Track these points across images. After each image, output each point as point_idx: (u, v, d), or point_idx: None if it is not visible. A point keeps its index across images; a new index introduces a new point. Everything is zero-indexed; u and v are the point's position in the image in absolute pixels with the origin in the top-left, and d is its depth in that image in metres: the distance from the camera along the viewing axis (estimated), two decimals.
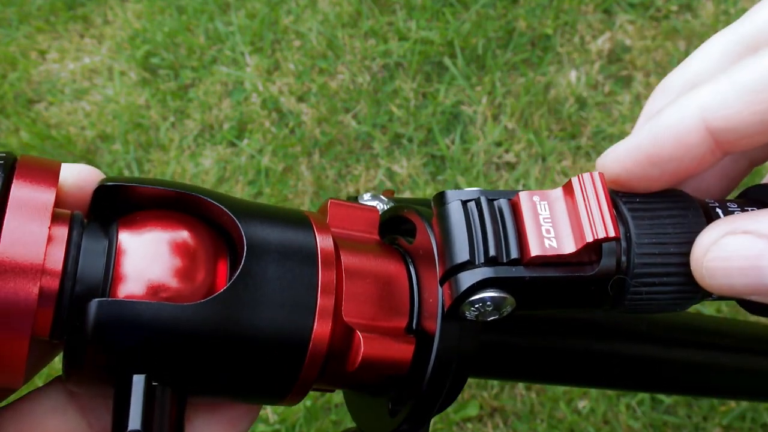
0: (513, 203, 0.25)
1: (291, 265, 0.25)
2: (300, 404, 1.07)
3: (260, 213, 0.26)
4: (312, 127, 1.25)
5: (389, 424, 0.28)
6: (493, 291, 0.24)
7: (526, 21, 1.28)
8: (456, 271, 0.24)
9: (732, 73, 0.23)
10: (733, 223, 0.23)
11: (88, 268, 0.23)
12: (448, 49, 1.27)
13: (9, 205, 0.22)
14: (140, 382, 0.23)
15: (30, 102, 1.37)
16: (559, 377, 0.41)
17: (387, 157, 1.21)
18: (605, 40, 1.27)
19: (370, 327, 0.26)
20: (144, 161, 1.28)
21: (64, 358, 0.25)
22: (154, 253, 0.24)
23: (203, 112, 1.30)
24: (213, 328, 0.23)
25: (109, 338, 0.23)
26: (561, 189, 0.25)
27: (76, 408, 0.27)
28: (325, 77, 1.29)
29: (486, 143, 1.20)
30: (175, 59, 1.35)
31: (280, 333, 0.25)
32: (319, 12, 1.35)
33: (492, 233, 0.24)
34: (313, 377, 0.26)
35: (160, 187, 0.25)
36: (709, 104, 0.23)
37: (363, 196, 0.35)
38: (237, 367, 0.25)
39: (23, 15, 1.46)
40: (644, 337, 0.37)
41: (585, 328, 0.36)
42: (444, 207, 0.25)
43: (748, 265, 0.22)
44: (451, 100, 1.24)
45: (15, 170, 0.23)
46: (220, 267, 0.25)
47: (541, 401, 1.02)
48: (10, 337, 0.22)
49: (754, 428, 0.98)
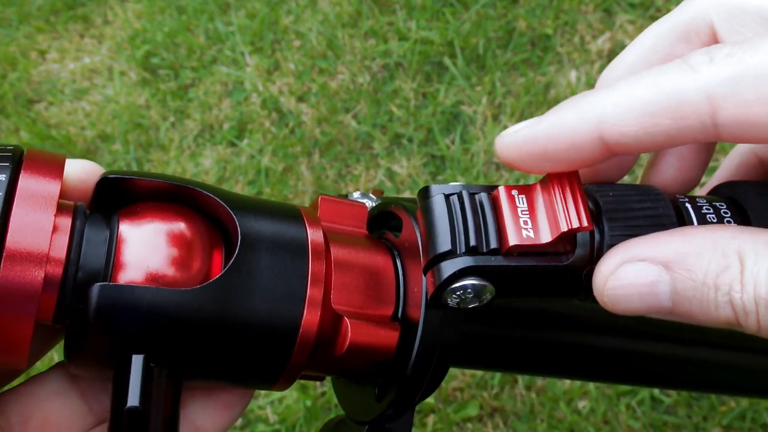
0: (493, 197, 0.26)
1: (283, 256, 0.26)
2: (300, 404, 1.07)
3: (254, 206, 0.27)
4: (312, 127, 1.25)
5: (376, 409, 0.29)
6: (473, 279, 0.25)
7: (526, 21, 1.28)
8: (438, 260, 0.25)
9: (634, 84, 0.23)
10: (629, 251, 0.24)
11: (91, 256, 0.25)
12: (448, 49, 1.27)
13: (17, 196, 0.23)
14: (139, 362, 0.24)
15: (30, 102, 1.37)
16: (537, 367, 0.42)
17: (387, 157, 1.21)
18: (605, 40, 1.27)
19: (357, 314, 0.27)
20: (144, 161, 1.28)
21: (65, 342, 0.26)
22: (153, 242, 0.25)
23: (203, 112, 1.30)
24: (208, 312, 0.25)
25: (109, 321, 0.24)
26: (538, 183, 0.26)
27: (78, 392, 0.28)
28: (325, 77, 1.29)
29: (486, 143, 1.20)
30: (175, 59, 1.35)
31: (272, 320, 0.26)
32: (319, 12, 1.35)
33: (473, 224, 0.25)
34: (302, 363, 0.27)
35: (158, 180, 0.27)
36: (608, 116, 0.24)
37: (353, 194, 0.36)
38: (230, 351, 0.26)
39: (23, 15, 1.46)
40: (621, 330, 0.39)
41: (562, 320, 0.37)
42: (428, 200, 0.26)
43: (647, 291, 0.24)
44: (451, 100, 1.24)
45: (23, 162, 0.24)
46: (215, 256, 0.26)
47: (541, 401, 1.02)
48: (16, 320, 0.23)
49: (754, 428, 0.97)
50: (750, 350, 0.43)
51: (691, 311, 0.23)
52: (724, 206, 0.27)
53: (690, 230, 0.24)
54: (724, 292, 0.22)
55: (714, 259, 0.22)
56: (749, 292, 0.22)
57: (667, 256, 0.23)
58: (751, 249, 0.22)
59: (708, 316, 0.23)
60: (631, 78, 0.24)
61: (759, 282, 0.21)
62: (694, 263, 0.23)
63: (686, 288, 0.23)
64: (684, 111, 0.22)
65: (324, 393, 1.06)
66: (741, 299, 0.22)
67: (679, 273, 0.23)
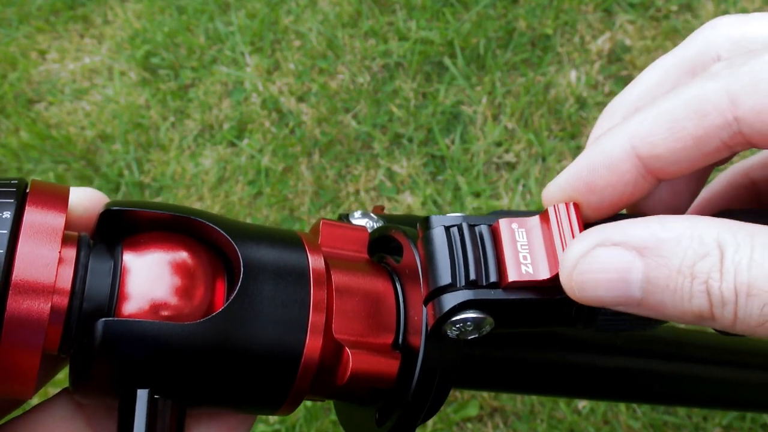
0: (493, 229, 0.27)
1: (285, 285, 0.27)
2: (300, 405, 1.07)
3: (256, 234, 0.28)
4: (312, 127, 1.25)
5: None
6: (473, 312, 0.25)
7: (526, 21, 1.28)
8: (439, 293, 0.26)
9: (659, 102, 0.24)
10: (603, 234, 0.23)
11: (95, 288, 0.25)
12: (448, 49, 1.27)
13: (22, 231, 0.24)
14: (144, 397, 0.25)
15: (30, 102, 1.37)
16: (538, 388, 0.43)
17: (387, 157, 1.21)
18: (605, 40, 1.27)
19: (358, 343, 0.28)
20: (144, 161, 1.28)
21: (70, 371, 0.26)
22: (157, 273, 0.26)
23: (203, 112, 1.30)
24: (212, 344, 0.25)
25: (114, 354, 0.24)
26: (538, 217, 0.26)
27: (84, 418, 0.28)
28: (325, 77, 1.29)
29: (486, 143, 1.20)
30: (175, 59, 1.35)
31: (275, 348, 0.26)
32: (319, 12, 1.35)
33: (473, 258, 0.26)
34: (305, 389, 0.27)
35: (161, 211, 0.27)
36: (637, 132, 0.24)
37: (354, 214, 0.37)
38: (234, 381, 0.26)
39: (23, 15, 1.46)
40: (619, 350, 0.39)
41: (563, 342, 0.38)
42: (428, 231, 0.27)
43: (617, 277, 0.23)
44: (451, 100, 1.24)
45: (27, 196, 0.25)
46: (218, 286, 0.27)
47: (541, 401, 1.02)
48: (24, 351, 0.23)
49: (754, 428, 0.98)
50: (752, 366, 0.44)
51: (663, 302, 0.22)
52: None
53: (668, 217, 0.23)
54: (700, 281, 0.21)
55: (692, 247, 0.21)
56: (729, 281, 0.21)
57: (643, 242, 0.22)
58: (732, 237, 0.21)
59: (680, 307, 0.22)
60: (657, 99, 0.24)
61: (740, 270, 0.21)
62: (669, 250, 0.22)
63: (659, 276, 0.22)
64: (705, 109, 0.23)
65: None
66: (719, 288, 0.21)
67: (654, 260, 0.22)
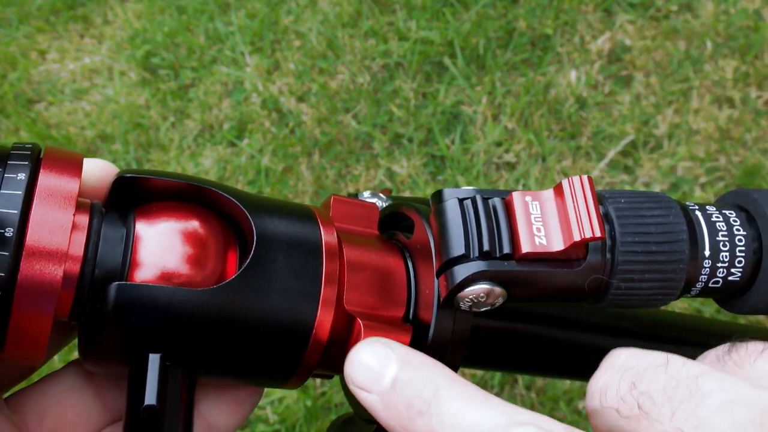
0: (506, 202, 0.26)
1: (297, 256, 0.27)
2: (300, 404, 1.07)
3: (269, 206, 0.28)
4: (312, 127, 1.25)
5: None
6: (486, 283, 0.25)
7: (526, 21, 1.28)
8: (452, 264, 0.26)
9: None
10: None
11: (108, 255, 0.25)
12: (448, 49, 1.27)
13: (36, 194, 0.23)
14: (156, 361, 0.25)
15: (30, 102, 1.37)
16: (544, 368, 0.43)
17: (387, 157, 1.21)
18: (605, 40, 1.27)
19: (369, 315, 0.28)
20: (144, 161, 1.28)
21: (79, 339, 0.26)
22: (169, 241, 0.25)
23: (203, 112, 1.30)
24: (224, 312, 0.25)
25: (127, 319, 0.24)
26: (552, 190, 0.26)
27: (92, 389, 0.28)
28: (325, 77, 1.29)
29: (486, 143, 1.20)
30: (175, 59, 1.35)
31: (286, 319, 0.26)
32: (319, 12, 1.35)
33: (486, 229, 0.26)
34: (315, 361, 0.27)
35: (174, 180, 0.27)
36: None
37: (363, 193, 0.37)
38: (245, 350, 0.26)
39: (23, 15, 1.46)
40: (628, 333, 0.39)
41: (571, 322, 0.38)
42: (441, 204, 0.27)
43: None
44: (451, 100, 1.24)
45: (42, 161, 0.24)
46: (230, 256, 0.27)
47: (541, 401, 1.02)
48: (36, 316, 0.23)
49: None
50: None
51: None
52: (734, 214, 0.28)
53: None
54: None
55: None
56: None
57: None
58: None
59: None
60: None
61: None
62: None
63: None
64: None
65: (324, 393, 1.06)
66: None
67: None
